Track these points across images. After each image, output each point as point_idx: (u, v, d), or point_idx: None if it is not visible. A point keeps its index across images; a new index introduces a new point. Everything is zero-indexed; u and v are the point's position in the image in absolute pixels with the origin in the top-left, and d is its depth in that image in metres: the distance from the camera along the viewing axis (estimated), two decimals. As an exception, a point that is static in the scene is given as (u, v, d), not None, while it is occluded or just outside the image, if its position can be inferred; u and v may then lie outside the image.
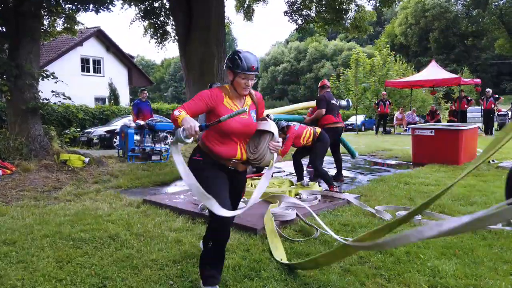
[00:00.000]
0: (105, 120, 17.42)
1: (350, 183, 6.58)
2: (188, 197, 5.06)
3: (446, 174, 7.01)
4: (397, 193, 5.52)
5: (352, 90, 18.70)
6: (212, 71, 10.60)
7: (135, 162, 7.84)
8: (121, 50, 25.74)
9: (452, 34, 47.19)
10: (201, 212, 4.29)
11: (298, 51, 59.19)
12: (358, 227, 3.97)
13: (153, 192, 5.85)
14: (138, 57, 73.43)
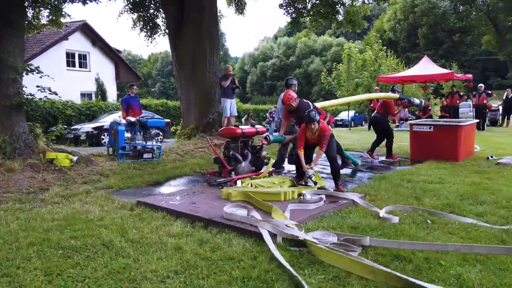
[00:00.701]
0: (92, 116, 16.96)
1: (351, 181, 6.37)
2: (184, 199, 4.78)
3: (447, 171, 6.85)
4: (402, 191, 5.33)
5: (345, 86, 18.54)
6: (204, 66, 10.27)
7: (126, 161, 7.51)
8: (107, 45, 25.14)
9: (440, 30, 47.49)
10: (197, 215, 4.02)
11: (287, 46, 58.97)
12: (368, 229, 3.74)
13: (147, 193, 5.55)
14: (124, 52, 72.27)
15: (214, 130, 10.10)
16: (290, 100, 5.66)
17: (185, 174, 6.76)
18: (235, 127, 5.43)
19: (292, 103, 5.70)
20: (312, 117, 5.17)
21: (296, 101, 5.77)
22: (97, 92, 19.73)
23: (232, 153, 5.37)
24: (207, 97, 10.38)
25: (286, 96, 5.69)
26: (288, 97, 5.66)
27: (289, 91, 5.77)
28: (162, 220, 4.08)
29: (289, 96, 5.69)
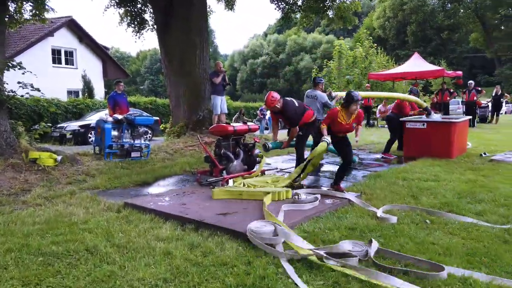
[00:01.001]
0: (78, 114, 16.58)
1: (345, 179, 6.23)
2: (174, 199, 4.58)
3: (441, 168, 6.75)
4: (398, 190, 5.20)
5: (335, 83, 18.44)
6: (194, 62, 10.04)
7: (113, 160, 7.26)
8: (94, 41, 24.66)
9: (429, 28, 47.81)
10: (188, 217, 3.82)
11: (277, 43, 58.81)
12: (367, 230, 3.59)
13: (135, 194, 5.33)
14: (112, 49, 71.32)
15: (204, 128, 9.89)
16: (274, 102, 5.43)
17: (175, 173, 6.55)
18: (227, 125, 5.23)
19: (277, 105, 5.48)
20: (355, 97, 4.92)
21: (280, 101, 5.55)
22: (84, 89, 19.30)
23: (223, 151, 5.18)
24: (197, 94, 10.15)
25: (269, 98, 5.42)
26: (271, 100, 5.41)
27: (272, 92, 5.51)
28: (150, 223, 3.87)
29: (272, 98, 5.44)
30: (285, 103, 5.58)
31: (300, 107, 5.76)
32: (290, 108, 5.58)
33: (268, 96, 5.49)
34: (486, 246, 3.20)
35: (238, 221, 3.71)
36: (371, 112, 17.42)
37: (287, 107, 5.56)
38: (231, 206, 4.27)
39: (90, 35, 24.30)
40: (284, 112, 5.59)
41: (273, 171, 6.39)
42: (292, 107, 5.60)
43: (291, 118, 5.62)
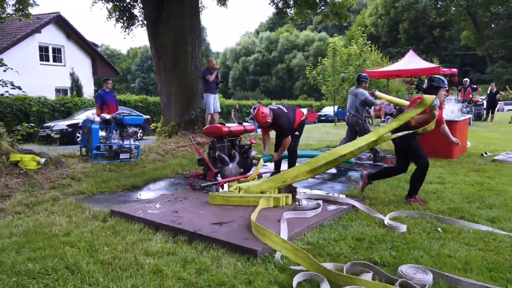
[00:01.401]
0: (66, 113, 16.13)
1: (346, 182, 5.95)
2: (165, 206, 4.24)
3: (444, 169, 6.51)
4: (403, 194, 4.92)
5: (330, 80, 18.16)
6: (185, 59, 9.67)
7: (101, 162, 6.89)
8: (83, 38, 24.10)
9: (421, 25, 47.83)
10: (180, 227, 3.49)
11: (269, 41, 58.48)
12: (376, 241, 3.30)
13: (123, 199, 4.98)
14: (102, 46, 70.42)
15: (196, 127, 9.55)
16: (265, 117, 5.21)
17: (166, 176, 6.21)
18: (221, 125, 4.90)
19: (268, 119, 5.26)
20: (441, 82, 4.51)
21: (271, 115, 5.32)
22: (72, 87, 18.79)
23: (218, 154, 4.85)
24: (189, 92, 9.80)
25: (260, 115, 5.17)
26: (262, 116, 5.18)
27: (260, 109, 5.23)
28: (139, 234, 3.54)
29: (263, 114, 5.19)
30: (275, 116, 5.36)
31: (290, 112, 5.59)
32: (282, 118, 5.37)
33: (258, 114, 5.22)
34: (507, 259, 2.93)
35: (235, 232, 3.40)
36: (366, 110, 17.15)
37: (279, 119, 5.35)
38: (226, 213, 3.96)
39: (79, 31, 23.75)
40: (277, 124, 5.39)
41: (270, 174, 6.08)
42: (284, 116, 5.39)
43: (285, 129, 5.43)
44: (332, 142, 10.52)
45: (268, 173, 5.86)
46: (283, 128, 5.39)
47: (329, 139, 11.62)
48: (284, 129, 5.40)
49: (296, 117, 5.64)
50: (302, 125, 5.85)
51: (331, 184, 5.75)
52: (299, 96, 49.60)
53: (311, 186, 5.62)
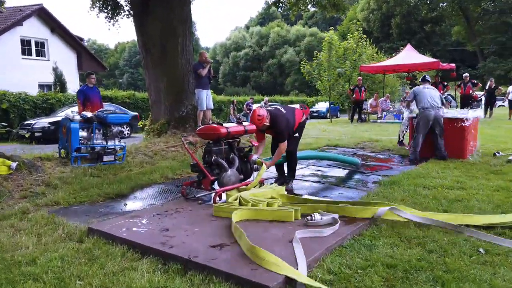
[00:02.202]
0: (49, 109, 15.28)
1: (354, 186, 5.35)
2: (153, 223, 3.59)
3: (460, 172, 5.97)
4: (423, 202, 4.36)
5: (325, 76, 17.57)
6: (176, 52, 8.96)
7: (82, 165, 6.19)
8: (68, 32, 23.16)
9: (414, 20, 47.54)
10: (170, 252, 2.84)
11: (260, 36, 57.70)
12: (412, 269, 2.70)
13: (105, 211, 4.31)
14: (89, 41, 68.96)
15: (188, 125, 8.87)
16: (262, 120, 4.61)
17: (155, 181, 5.54)
18: (218, 125, 4.24)
19: (265, 122, 4.67)
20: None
21: (268, 117, 4.71)
22: (56, 82, 17.89)
23: (214, 158, 4.20)
24: (179, 88, 9.10)
25: (256, 118, 4.59)
26: (259, 119, 4.59)
27: (256, 111, 4.65)
28: (121, 260, 2.89)
29: (259, 117, 4.59)
30: (273, 118, 4.75)
31: (289, 112, 4.97)
32: (281, 120, 4.76)
33: (254, 116, 4.62)
34: None
35: (239, 258, 2.77)
36: (362, 107, 16.65)
37: (277, 121, 4.74)
38: (227, 231, 3.33)
39: (63, 25, 22.80)
40: (275, 127, 4.76)
41: (271, 180, 5.44)
42: (283, 118, 4.80)
43: (283, 132, 4.80)
44: (331, 141, 9.94)
45: (271, 180, 5.24)
46: (281, 131, 4.77)
47: (327, 137, 11.03)
48: (283, 132, 4.78)
49: (296, 118, 5.03)
50: (302, 127, 5.25)
51: (340, 190, 5.15)
52: (290, 92, 49.03)
53: (317, 192, 5.02)
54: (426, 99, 6.99)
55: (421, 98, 7.01)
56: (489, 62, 42.18)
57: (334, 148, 9.01)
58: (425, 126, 6.96)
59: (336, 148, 8.92)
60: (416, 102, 7.14)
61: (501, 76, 38.88)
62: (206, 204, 4.17)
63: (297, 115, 5.09)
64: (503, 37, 42.67)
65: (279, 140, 4.82)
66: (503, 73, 38.60)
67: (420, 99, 7.02)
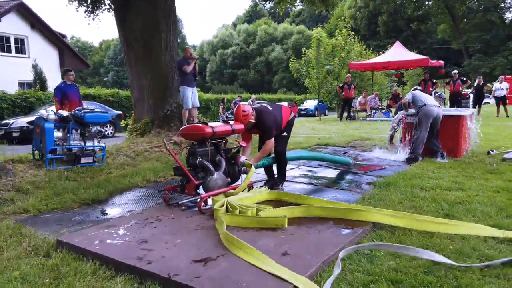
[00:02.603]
0: (29, 108, 14.70)
1: (348, 188, 5.06)
2: (130, 233, 3.23)
3: (456, 171, 5.74)
4: (421, 204, 4.10)
5: (313, 73, 17.30)
6: (159, 47, 8.56)
7: (57, 168, 5.77)
8: (49, 28, 22.45)
9: (400, 18, 47.74)
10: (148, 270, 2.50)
11: (247, 33, 57.32)
12: (420, 286, 2.41)
13: (79, 219, 3.93)
14: (73, 38, 67.68)
15: (172, 124, 8.49)
16: (247, 117, 4.31)
17: (135, 185, 5.17)
18: (203, 125, 3.90)
19: (251, 119, 4.37)
20: None
21: (253, 114, 4.42)
22: (36, 80, 17.26)
23: (199, 160, 3.85)
24: (163, 85, 8.70)
25: (240, 114, 4.29)
26: (244, 115, 4.28)
27: (241, 106, 4.40)
28: (91, 279, 2.54)
29: (244, 113, 4.29)
30: (259, 114, 4.45)
31: (276, 110, 4.66)
32: (267, 116, 4.46)
33: (238, 112, 4.30)
34: None
35: (226, 276, 2.44)
36: (351, 105, 16.45)
37: (263, 117, 4.43)
38: (212, 241, 3.00)
39: (44, 21, 22.08)
40: (261, 124, 4.44)
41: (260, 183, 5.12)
42: (269, 115, 4.49)
43: (270, 128, 4.47)
44: (322, 139, 9.67)
45: (261, 183, 4.92)
46: (268, 128, 4.43)
47: (316, 135, 10.77)
48: (269, 128, 4.44)
49: (283, 115, 4.70)
50: (291, 125, 4.93)
51: (333, 192, 4.85)
52: (278, 89, 48.79)
53: (309, 195, 4.70)
54: (426, 98, 6.82)
55: (420, 98, 6.80)
56: (474, 60, 42.58)
57: (325, 147, 8.74)
58: (427, 122, 6.69)
59: (326, 147, 8.65)
60: (415, 102, 6.88)
61: (486, 73, 39.21)
62: (190, 210, 3.83)
63: (285, 112, 4.77)
64: (488, 35, 43.14)
65: (266, 137, 4.49)
66: (488, 70, 38.95)
67: (418, 99, 6.80)
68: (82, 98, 16.66)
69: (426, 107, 6.65)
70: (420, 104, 6.72)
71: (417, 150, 6.62)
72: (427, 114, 6.67)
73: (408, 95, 7.18)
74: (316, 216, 3.58)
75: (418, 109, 6.74)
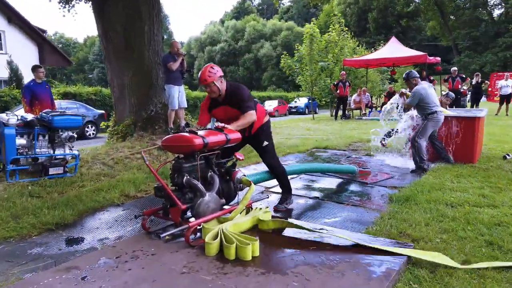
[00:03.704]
0: (3, 108, 13.67)
1: (361, 203, 4.36)
2: (96, 277, 2.46)
3: (478, 181, 5.10)
4: (454, 228, 3.42)
5: (306, 70, 16.60)
6: (142, 42, 7.74)
7: (21, 181, 4.95)
8: (27, 23, 21.31)
9: (390, 15, 47.41)
10: None
11: (236, 30, 56.39)
12: None
13: (36, 253, 3.14)
14: (56, 34, 65.88)
15: (157, 127, 7.69)
16: (213, 78, 3.45)
17: (111, 202, 4.37)
18: (191, 134, 3.11)
19: (216, 82, 3.47)
20: None
21: (223, 82, 3.55)
22: (11, 78, 16.20)
23: (187, 179, 3.09)
24: (147, 83, 7.89)
25: (206, 71, 3.47)
26: (210, 75, 3.44)
27: (210, 64, 3.58)
28: None
29: (212, 71, 3.46)
30: (235, 86, 3.63)
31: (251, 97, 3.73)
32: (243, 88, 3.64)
33: (204, 69, 3.48)
34: None
35: None
36: (347, 103, 15.81)
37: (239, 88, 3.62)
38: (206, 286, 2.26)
39: (22, 15, 20.93)
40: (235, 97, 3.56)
41: (264, 198, 4.37)
42: (244, 89, 3.65)
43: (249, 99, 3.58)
44: (319, 141, 8.97)
45: (261, 201, 4.17)
46: (247, 98, 3.57)
47: (313, 136, 10.07)
48: (248, 99, 3.55)
49: (257, 112, 3.70)
50: (268, 132, 3.93)
51: (344, 210, 4.13)
52: (268, 87, 48.07)
53: (317, 213, 3.99)
54: (435, 101, 5.86)
55: (431, 99, 5.81)
56: (464, 57, 42.47)
57: (324, 150, 8.04)
58: (432, 131, 5.98)
59: (326, 151, 7.96)
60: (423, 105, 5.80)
61: (476, 70, 39.11)
62: (175, 242, 3.07)
63: (259, 111, 3.79)
64: (477, 31, 43.04)
65: (245, 109, 3.52)
66: (477, 67, 38.80)
67: (428, 101, 5.77)
68: (62, 96, 15.74)
69: (439, 115, 5.81)
70: (433, 109, 5.78)
71: (424, 159, 5.87)
72: (438, 123, 5.89)
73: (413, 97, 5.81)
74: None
75: (429, 115, 5.79)
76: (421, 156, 5.81)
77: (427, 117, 5.82)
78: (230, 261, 2.67)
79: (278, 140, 9.08)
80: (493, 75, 28.28)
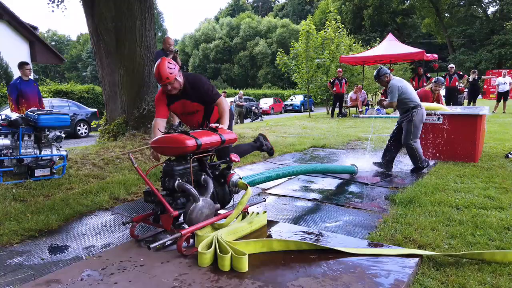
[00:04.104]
0: (-8, 107, 13.35)
1: (362, 205, 4.16)
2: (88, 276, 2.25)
3: (482, 181, 4.93)
4: (463, 232, 3.25)
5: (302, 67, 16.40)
6: (133, 38, 7.50)
7: (5, 183, 4.70)
8: (18, 19, 20.84)
9: (385, 12, 47.31)
10: None
11: (231, 27, 56.06)
12: None
13: (15, 263, 2.91)
14: (49, 32, 65.18)
15: (149, 125, 7.46)
16: (173, 75, 3.13)
17: (100, 206, 4.15)
18: (183, 135, 2.91)
19: (177, 77, 3.20)
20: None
21: (181, 76, 3.28)
22: (0, 76, 15.85)
23: (178, 183, 2.88)
24: (138, 81, 7.65)
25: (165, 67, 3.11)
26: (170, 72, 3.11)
27: (166, 59, 3.21)
28: None
29: (170, 66, 3.14)
30: (193, 78, 3.36)
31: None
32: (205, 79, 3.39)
33: (162, 65, 3.12)
34: None
35: None
36: (343, 101, 15.63)
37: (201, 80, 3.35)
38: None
39: (12, 11, 20.48)
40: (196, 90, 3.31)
41: (261, 201, 4.16)
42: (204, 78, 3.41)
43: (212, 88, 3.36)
44: (316, 140, 8.79)
45: (257, 205, 3.96)
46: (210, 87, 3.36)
47: (309, 134, 9.89)
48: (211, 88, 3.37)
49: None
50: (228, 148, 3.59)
51: (345, 213, 3.93)
52: (263, 84, 47.84)
53: (316, 217, 3.79)
54: (414, 94, 5.51)
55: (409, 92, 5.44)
56: (459, 54, 42.48)
57: (322, 149, 7.86)
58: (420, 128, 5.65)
59: (323, 150, 7.77)
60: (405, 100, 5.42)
61: (471, 67, 39.15)
62: (166, 251, 2.86)
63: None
64: (472, 29, 43.06)
65: (212, 99, 3.33)
66: (473, 64, 38.83)
67: (409, 95, 5.42)
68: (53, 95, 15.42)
69: (422, 109, 5.48)
70: (413, 103, 5.42)
71: (423, 159, 5.64)
72: (422, 119, 5.51)
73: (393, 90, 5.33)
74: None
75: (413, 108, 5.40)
76: (419, 157, 5.62)
77: (412, 113, 5.43)
78: (225, 273, 2.46)
79: (274, 139, 8.88)
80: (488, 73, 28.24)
